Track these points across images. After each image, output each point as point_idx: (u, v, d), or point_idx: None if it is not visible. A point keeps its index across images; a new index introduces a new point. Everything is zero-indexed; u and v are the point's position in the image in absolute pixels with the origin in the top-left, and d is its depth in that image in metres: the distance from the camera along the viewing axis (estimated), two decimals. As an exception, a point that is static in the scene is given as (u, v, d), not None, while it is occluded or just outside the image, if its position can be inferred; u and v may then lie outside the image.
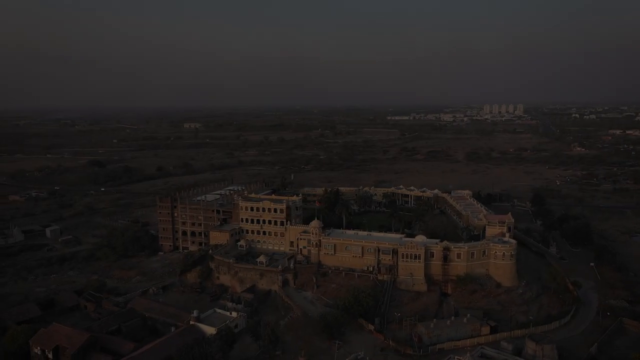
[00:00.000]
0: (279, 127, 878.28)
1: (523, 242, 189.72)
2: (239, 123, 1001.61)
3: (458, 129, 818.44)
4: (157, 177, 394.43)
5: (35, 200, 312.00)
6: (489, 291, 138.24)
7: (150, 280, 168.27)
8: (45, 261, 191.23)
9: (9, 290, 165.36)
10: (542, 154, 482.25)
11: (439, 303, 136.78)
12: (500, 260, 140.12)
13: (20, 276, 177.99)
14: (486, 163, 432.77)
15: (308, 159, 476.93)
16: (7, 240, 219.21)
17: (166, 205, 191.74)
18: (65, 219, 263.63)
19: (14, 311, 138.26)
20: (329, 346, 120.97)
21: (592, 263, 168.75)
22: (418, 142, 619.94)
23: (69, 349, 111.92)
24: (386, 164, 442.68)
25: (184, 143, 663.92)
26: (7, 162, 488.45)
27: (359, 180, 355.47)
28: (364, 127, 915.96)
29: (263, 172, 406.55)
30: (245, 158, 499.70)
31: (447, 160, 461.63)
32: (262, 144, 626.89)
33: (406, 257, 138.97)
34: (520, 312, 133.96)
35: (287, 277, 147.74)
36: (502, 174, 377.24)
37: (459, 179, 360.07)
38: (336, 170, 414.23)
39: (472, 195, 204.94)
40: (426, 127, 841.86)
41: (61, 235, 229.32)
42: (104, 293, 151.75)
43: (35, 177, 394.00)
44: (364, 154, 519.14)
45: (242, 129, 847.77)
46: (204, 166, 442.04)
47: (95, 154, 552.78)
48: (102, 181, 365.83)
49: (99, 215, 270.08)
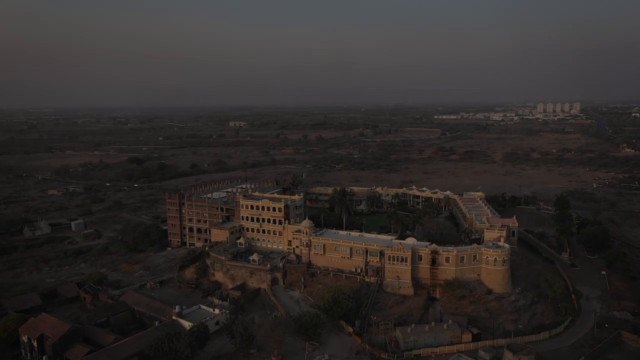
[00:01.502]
0: (321, 126, 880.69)
1: (534, 248, 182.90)
2: (283, 122, 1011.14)
3: (503, 128, 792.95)
4: (190, 174, 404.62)
5: (72, 194, 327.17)
6: (478, 297, 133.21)
7: (152, 275, 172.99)
8: (62, 253, 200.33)
9: (22, 280, 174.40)
10: (586, 155, 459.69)
11: (425, 308, 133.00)
12: (491, 265, 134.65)
13: (36, 267, 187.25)
14: (523, 164, 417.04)
15: (341, 158, 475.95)
16: (35, 233, 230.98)
17: (174, 202, 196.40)
18: (94, 213, 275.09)
19: (15, 300, 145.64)
20: (304, 347, 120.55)
21: (604, 271, 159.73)
22: (457, 142, 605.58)
23: (51, 338, 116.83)
24: (419, 164, 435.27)
25: (225, 141, 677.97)
26: (57, 158, 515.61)
27: (386, 180, 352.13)
28: (407, 126, 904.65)
29: (293, 171, 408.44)
30: (279, 156, 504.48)
31: (483, 160, 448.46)
32: (300, 142, 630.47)
33: (392, 259, 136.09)
34: (509, 321, 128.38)
35: (277, 276, 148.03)
36: (537, 176, 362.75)
37: (490, 180, 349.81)
38: (367, 169, 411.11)
39: (482, 198, 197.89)
40: (470, 126, 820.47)
41: (85, 229, 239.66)
42: (103, 286, 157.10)
43: (76, 173, 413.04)
44: (399, 153, 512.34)
45: (284, 128, 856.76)
46: (238, 164, 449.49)
47: (139, 151, 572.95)
48: (137, 177, 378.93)
49: (126, 210, 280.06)
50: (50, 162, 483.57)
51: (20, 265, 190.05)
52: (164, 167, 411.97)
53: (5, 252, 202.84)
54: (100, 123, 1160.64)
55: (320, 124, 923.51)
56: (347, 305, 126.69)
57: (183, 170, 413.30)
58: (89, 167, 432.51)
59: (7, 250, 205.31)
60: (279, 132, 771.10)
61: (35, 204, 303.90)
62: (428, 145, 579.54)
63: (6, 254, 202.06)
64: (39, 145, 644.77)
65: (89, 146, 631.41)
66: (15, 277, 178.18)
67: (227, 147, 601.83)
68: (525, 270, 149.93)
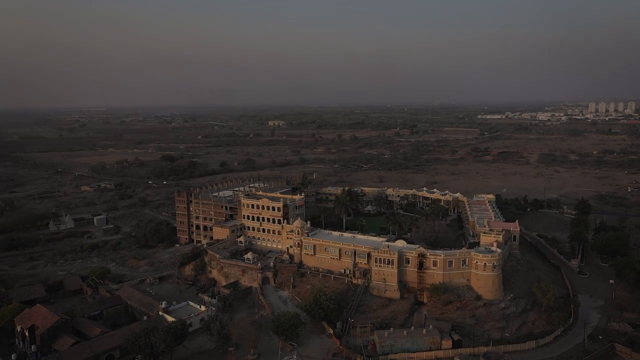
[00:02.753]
0: (358, 126, 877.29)
1: (543, 253, 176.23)
2: (321, 121, 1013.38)
3: (546, 128, 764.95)
4: (219, 172, 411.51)
5: (102, 191, 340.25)
6: (465, 303, 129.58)
7: (156, 270, 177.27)
8: (78, 247, 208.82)
9: (36, 272, 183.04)
10: (629, 157, 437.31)
11: (410, 312, 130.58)
12: (481, 270, 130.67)
13: (52, 260, 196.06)
14: (558, 166, 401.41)
15: (371, 158, 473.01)
16: (59, 227, 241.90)
17: (182, 199, 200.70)
18: (119, 209, 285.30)
19: (21, 291, 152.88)
20: (282, 347, 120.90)
21: (612, 280, 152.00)
22: (494, 143, 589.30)
23: (40, 328, 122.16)
24: (449, 165, 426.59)
25: (261, 140, 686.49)
26: (98, 156, 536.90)
27: (410, 181, 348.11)
28: (447, 126, 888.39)
29: (320, 170, 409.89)
30: (309, 155, 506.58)
31: (516, 162, 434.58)
32: (334, 142, 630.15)
33: (379, 261, 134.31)
34: (495, 328, 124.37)
35: (267, 275, 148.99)
36: (570, 178, 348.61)
37: (519, 182, 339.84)
38: (394, 169, 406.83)
39: (492, 201, 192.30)
40: (511, 126, 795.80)
41: (106, 224, 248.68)
42: (105, 280, 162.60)
43: (112, 170, 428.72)
44: (431, 153, 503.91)
45: (321, 127, 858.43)
46: (267, 163, 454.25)
47: (176, 149, 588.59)
48: (166, 175, 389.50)
49: (149, 207, 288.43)
50: (91, 159, 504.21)
51: (39, 257, 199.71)
52: (194, 165, 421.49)
53: (27, 245, 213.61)
54: (147, 122, 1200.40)
55: (359, 124, 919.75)
56: (328, 306, 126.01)
57: (212, 168, 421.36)
58: (124, 165, 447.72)
59: (29, 243, 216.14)
60: (315, 131, 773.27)
61: (68, 199, 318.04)
62: (463, 145, 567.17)
63: (28, 246, 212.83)
64: (84, 143, 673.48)
65: (130, 144, 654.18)
66: (31, 269, 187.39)
67: (261, 146, 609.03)
68: (523, 277, 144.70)
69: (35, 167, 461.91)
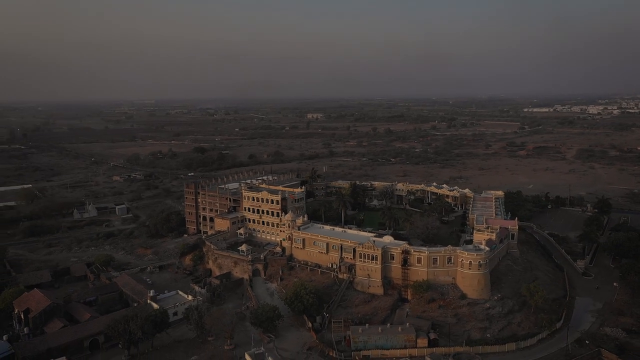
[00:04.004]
0: (396, 119, 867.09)
1: (549, 253, 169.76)
2: (360, 114, 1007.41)
3: (593, 122, 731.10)
4: (247, 164, 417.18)
5: (132, 181, 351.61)
6: (448, 301, 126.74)
7: (160, 260, 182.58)
8: (95, 235, 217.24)
9: (52, 258, 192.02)
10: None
11: (392, 308, 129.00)
12: (466, 269, 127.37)
13: (69, 247, 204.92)
14: (595, 162, 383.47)
15: (400, 152, 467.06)
16: (83, 215, 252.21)
17: (191, 191, 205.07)
18: (143, 199, 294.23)
19: (28, 275, 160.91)
20: (261, 338, 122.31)
21: (616, 283, 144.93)
22: (533, 137, 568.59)
23: (33, 311, 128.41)
24: (480, 159, 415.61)
25: (295, 133, 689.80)
26: (137, 147, 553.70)
27: (435, 176, 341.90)
28: (489, 119, 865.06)
29: (347, 164, 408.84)
30: (339, 149, 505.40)
31: (552, 157, 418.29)
32: (367, 135, 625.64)
33: (363, 257, 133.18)
34: (477, 329, 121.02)
35: (258, 267, 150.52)
36: (604, 175, 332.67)
37: (548, 178, 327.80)
38: (421, 164, 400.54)
39: (500, 197, 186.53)
40: (556, 120, 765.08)
41: (127, 213, 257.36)
42: (108, 267, 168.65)
43: (145, 161, 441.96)
44: (464, 148, 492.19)
45: (358, 120, 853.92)
46: (295, 155, 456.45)
47: (211, 141, 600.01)
48: (195, 166, 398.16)
49: (171, 197, 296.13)
50: (129, 150, 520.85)
51: (57, 244, 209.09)
52: (223, 157, 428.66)
53: (49, 232, 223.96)
54: (190, 114, 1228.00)
55: (397, 117, 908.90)
56: (308, 300, 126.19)
57: (240, 160, 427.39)
58: (157, 156, 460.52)
59: (52, 230, 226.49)
60: (351, 124, 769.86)
61: (98, 188, 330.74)
62: (499, 139, 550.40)
63: (50, 233, 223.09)
64: (126, 134, 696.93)
65: (168, 136, 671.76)
66: (47, 255, 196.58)
67: (294, 139, 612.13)
68: (517, 277, 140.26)
69: (75, 158, 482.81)
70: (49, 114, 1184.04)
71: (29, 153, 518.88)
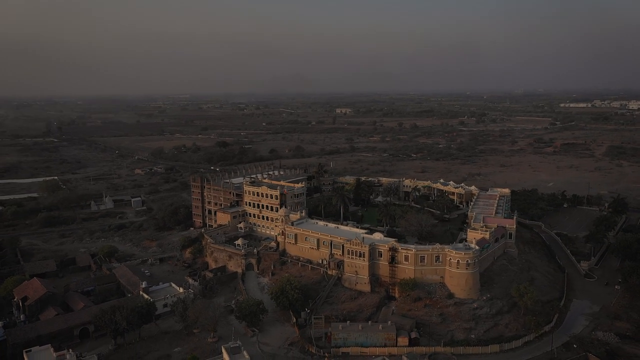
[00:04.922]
0: (425, 114, 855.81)
1: (553, 253, 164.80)
2: (388, 109, 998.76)
3: (630, 118, 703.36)
4: (268, 158, 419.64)
5: (152, 174, 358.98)
6: (435, 301, 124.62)
7: (163, 252, 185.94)
8: (107, 227, 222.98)
9: (63, 247, 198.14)
10: None
11: (378, 306, 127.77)
12: (454, 268, 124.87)
13: (80, 238, 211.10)
14: (625, 159, 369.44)
15: (422, 148, 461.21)
16: (99, 207, 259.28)
17: (197, 185, 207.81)
18: (160, 192, 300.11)
19: (34, 264, 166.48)
20: (245, 332, 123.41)
21: (618, 286, 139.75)
22: (564, 133, 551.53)
23: (30, 300, 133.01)
24: (502, 156, 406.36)
25: (321, 127, 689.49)
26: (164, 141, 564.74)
27: (454, 172, 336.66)
28: (522, 114, 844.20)
29: (366, 159, 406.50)
30: (362, 144, 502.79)
31: (579, 154, 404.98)
32: (392, 130, 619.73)
33: (351, 253, 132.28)
34: (461, 329, 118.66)
35: (252, 261, 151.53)
36: (631, 174, 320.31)
37: (571, 176, 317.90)
38: (442, 160, 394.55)
39: (506, 195, 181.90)
40: (589, 115, 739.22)
41: (141, 206, 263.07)
42: (111, 258, 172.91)
43: (169, 154, 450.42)
44: (489, 144, 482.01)
45: (386, 115, 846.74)
46: (316, 150, 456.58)
47: (237, 135, 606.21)
48: (215, 160, 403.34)
49: (187, 191, 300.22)
50: (155, 143, 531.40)
51: (70, 234, 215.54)
52: (244, 151, 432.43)
53: (65, 223, 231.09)
54: (222, 109, 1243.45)
55: (426, 112, 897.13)
56: (293, 295, 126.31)
57: (261, 155, 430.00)
58: (181, 150, 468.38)
59: (67, 221, 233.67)
60: (378, 119, 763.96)
61: (119, 181, 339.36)
62: (528, 135, 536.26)
63: (65, 224, 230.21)
64: (155, 128, 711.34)
65: (196, 130, 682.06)
66: (59, 245, 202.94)
67: (318, 134, 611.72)
68: (511, 277, 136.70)
69: (102, 151, 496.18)
70: (86, 108, 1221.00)
71: (60, 146, 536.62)
